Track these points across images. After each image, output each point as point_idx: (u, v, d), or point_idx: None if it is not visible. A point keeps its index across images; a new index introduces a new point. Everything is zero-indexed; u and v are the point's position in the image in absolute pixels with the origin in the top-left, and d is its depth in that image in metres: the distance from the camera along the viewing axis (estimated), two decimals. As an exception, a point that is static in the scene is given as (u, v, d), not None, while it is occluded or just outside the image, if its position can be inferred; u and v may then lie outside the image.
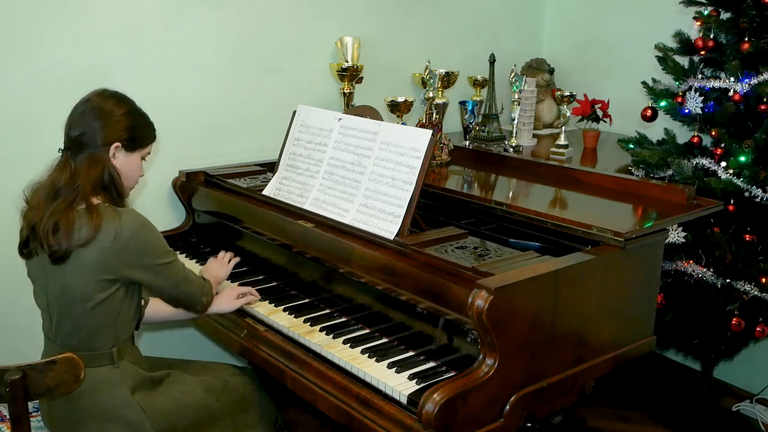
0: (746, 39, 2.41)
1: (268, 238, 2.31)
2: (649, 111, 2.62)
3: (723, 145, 2.45)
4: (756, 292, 2.38)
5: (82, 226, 1.71)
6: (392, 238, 1.96)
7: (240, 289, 2.17)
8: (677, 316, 2.53)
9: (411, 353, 1.86)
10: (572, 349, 1.85)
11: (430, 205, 2.35)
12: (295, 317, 2.09)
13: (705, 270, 2.44)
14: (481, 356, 1.64)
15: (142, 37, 2.55)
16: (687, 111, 2.50)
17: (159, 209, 2.70)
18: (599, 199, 2.27)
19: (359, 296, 2.05)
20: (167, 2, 2.58)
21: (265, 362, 2.00)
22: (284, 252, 2.27)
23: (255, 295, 2.18)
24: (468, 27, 3.45)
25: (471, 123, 2.97)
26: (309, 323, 2.04)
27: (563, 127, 2.96)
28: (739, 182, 2.38)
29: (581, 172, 2.46)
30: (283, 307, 2.15)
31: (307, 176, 2.32)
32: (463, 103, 3.08)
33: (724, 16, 2.52)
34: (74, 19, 2.40)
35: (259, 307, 2.16)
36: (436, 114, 2.80)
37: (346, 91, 2.87)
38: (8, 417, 1.54)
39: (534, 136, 3.24)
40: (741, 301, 2.41)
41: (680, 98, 2.52)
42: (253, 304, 2.17)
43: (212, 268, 2.21)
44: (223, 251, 2.33)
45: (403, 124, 2.67)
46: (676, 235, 2.32)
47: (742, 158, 2.37)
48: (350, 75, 2.86)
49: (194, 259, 2.55)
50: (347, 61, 2.88)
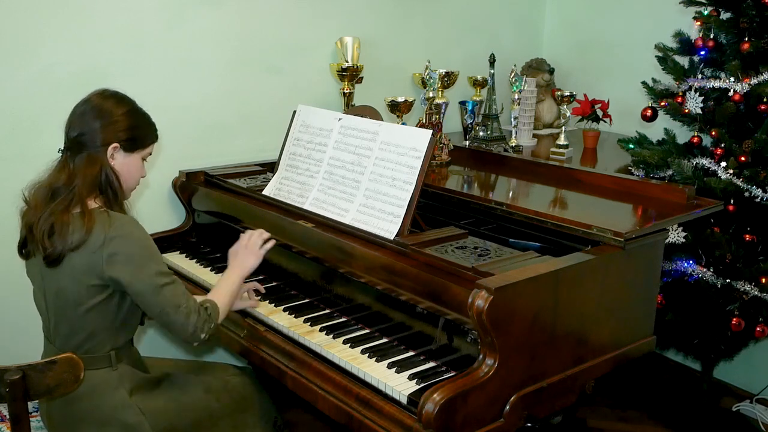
0: (746, 39, 2.42)
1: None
2: (649, 111, 2.63)
3: (723, 145, 2.45)
4: (756, 292, 2.38)
5: (75, 229, 1.69)
6: (392, 238, 1.96)
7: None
8: (677, 316, 2.53)
9: (411, 353, 1.86)
10: (572, 349, 1.85)
11: (430, 205, 2.35)
12: (295, 317, 2.09)
13: (705, 270, 2.44)
14: (481, 356, 1.64)
15: (142, 37, 2.55)
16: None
17: (159, 209, 2.71)
18: (599, 199, 2.27)
19: (359, 296, 2.05)
20: (167, 2, 2.58)
21: (265, 362, 2.00)
22: (284, 252, 2.27)
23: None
24: (468, 27, 3.45)
25: (471, 123, 2.97)
26: (309, 323, 2.04)
27: (563, 127, 2.96)
28: (739, 182, 2.38)
29: (581, 172, 2.46)
30: (283, 307, 2.15)
31: (307, 176, 2.32)
32: (463, 103, 3.08)
33: (724, 16, 2.52)
34: (74, 19, 2.40)
35: (259, 307, 2.16)
36: (436, 114, 2.80)
37: (346, 91, 2.87)
38: (8, 417, 1.54)
39: (534, 136, 3.24)
40: (741, 301, 2.41)
41: (680, 98, 2.52)
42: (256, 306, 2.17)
43: (240, 257, 2.02)
44: (250, 231, 2.07)
45: (403, 124, 2.67)
46: (676, 235, 2.32)
47: (742, 158, 2.37)
48: (350, 75, 2.86)
49: (194, 259, 2.55)
50: (347, 61, 2.88)
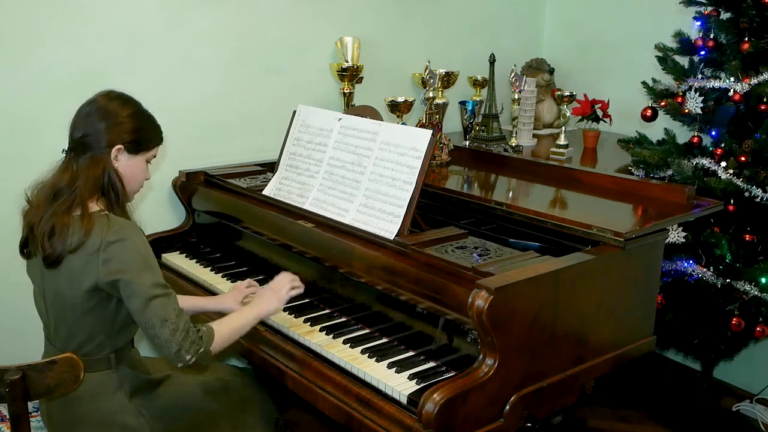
0: (746, 39, 2.42)
1: (268, 238, 2.31)
2: (649, 111, 2.63)
3: (723, 145, 2.45)
4: (756, 292, 2.38)
5: (74, 232, 1.68)
6: (392, 238, 1.96)
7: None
8: (677, 316, 2.53)
9: (411, 353, 1.87)
10: (572, 349, 1.85)
11: (430, 205, 2.35)
12: (295, 317, 2.09)
13: (705, 270, 2.44)
14: (481, 356, 1.64)
15: (142, 37, 2.55)
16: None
17: (159, 209, 2.71)
18: (599, 199, 2.27)
19: (359, 296, 2.05)
20: (167, 2, 2.58)
21: (265, 362, 2.00)
22: (284, 252, 2.27)
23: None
24: (468, 27, 3.45)
25: (471, 123, 2.97)
26: (309, 323, 2.04)
27: (563, 127, 2.96)
28: (739, 182, 2.38)
29: (581, 172, 2.46)
30: (283, 306, 2.15)
31: (307, 176, 2.32)
32: (463, 103, 3.08)
33: (724, 16, 2.52)
34: (74, 19, 2.40)
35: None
36: (436, 114, 2.80)
37: (346, 91, 2.87)
38: (8, 417, 1.54)
39: (534, 136, 3.24)
40: (741, 301, 2.41)
41: (680, 98, 2.52)
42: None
43: (265, 298, 1.97)
44: (285, 273, 2.04)
45: (403, 124, 2.67)
46: (676, 235, 2.32)
47: (742, 159, 2.37)
48: (350, 75, 2.86)
49: (194, 259, 2.55)
50: (347, 61, 2.88)
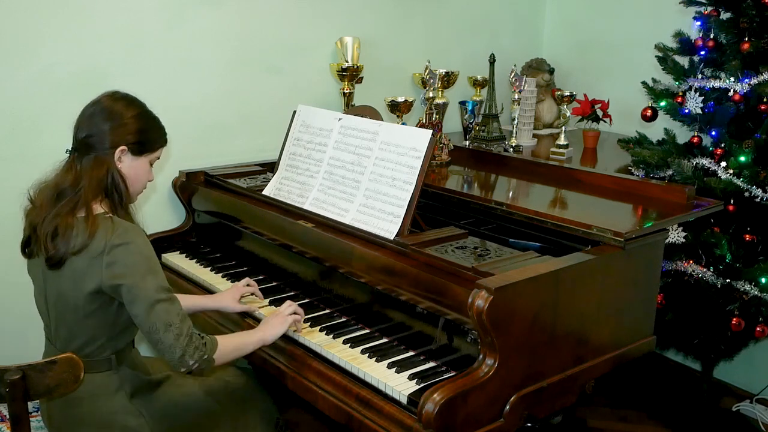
0: (746, 39, 2.42)
1: (268, 238, 2.31)
2: (649, 111, 2.63)
3: (723, 145, 2.45)
4: (756, 292, 2.38)
5: (78, 233, 1.68)
6: (392, 238, 1.96)
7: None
8: (677, 316, 2.53)
9: (411, 353, 1.87)
10: (572, 349, 1.85)
11: (430, 205, 2.35)
12: (295, 317, 2.09)
13: (705, 270, 2.44)
14: (481, 356, 1.64)
15: (142, 37, 2.55)
16: (687, 111, 2.50)
17: (159, 209, 2.71)
18: (599, 199, 2.27)
19: (359, 296, 2.05)
20: (167, 2, 2.58)
21: (265, 362, 2.00)
22: (284, 252, 2.27)
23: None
24: (468, 27, 3.45)
25: (471, 123, 2.97)
26: (309, 323, 2.04)
27: (563, 127, 2.96)
28: (739, 182, 2.38)
29: (581, 172, 2.46)
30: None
31: (307, 176, 2.32)
32: (463, 103, 3.08)
33: (724, 16, 2.52)
34: (74, 19, 2.40)
35: (258, 308, 2.16)
36: (436, 114, 2.80)
37: (346, 91, 2.87)
38: (8, 417, 1.54)
39: (534, 136, 3.24)
40: (741, 301, 2.41)
41: (680, 98, 2.52)
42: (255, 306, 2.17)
43: (270, 323, 1.94)
44: (288, 302, 2.02)
45: (403, 124, 2.67)
46: (676, 235, 2.32)
47: (742, 158, 2.37)
48: (350, 75, 2.86)
49: (194, 259, 2.55)
50: (347, 61, 2.88)
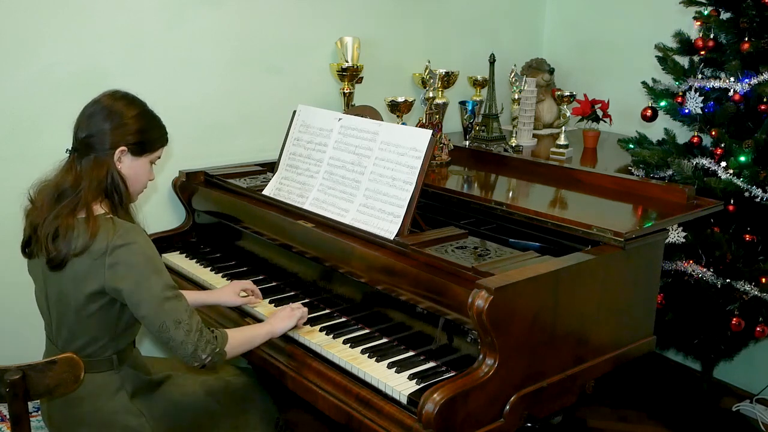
0: (746, 39, 2.42)
1: (268, 238, 2.31)
2: (649, 111, 2.63)
3: (723, 145, 2.45)
4: (756, 292, 2.38)
5: (79, 234, 1.68)
6: (392, 238, 1.96)
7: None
8: (677, 316, 2.53)
9: (411, 353, 1.87)
10: (572, 349, 1.85)
11: (430, 205, 2.35)
12: (295, 317, 2.09)
13: (705, 270, 2.44)
14: (481, 356, 1.64)
15: (142, 37, 2.55)
16: (687, 111, 2.50)
17: (159, 209, 2.71)
18: (599, 199, 2.27)
19: (359, 296, 2.05)
20: (167, 2, 2.58)
21: (265, 362, 2.00)
22: (284, 252, 2.27)
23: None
24: (468, 27, 3.45)
25: (471, 123, 2.97)
26: (309, 323, 2.04)
27: (563, 127, 2.96)
28: (739, 182, 2.38)
29: (581, 172, 2.46)
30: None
31: (307, 176, 2.32)
32: (463, 103, 3.08)
33: (724, 16, 2.52)
34: (74, 19, 2.40)
35: (259, 308, 2.16)
36: (436, 114, 2.80)
37: (346, 91, 2.87)
38: (8, 417, 1.54)
39: (534, 136, 3.24)
40: (741, 301, 2.41)
41: (680, 98, 2.52)
42: (255, 305, 2.17)
43: (277, 316, 1.98)
44: (299, 304, 2.06)
45: (403, 124, 2.67)
46: (676, 235, 2.32)
47: (742, 158, 2.37)
48: (350, 75, 2.86)
49: (194, 259, 2.55)
50: (347, 61, 2.88)
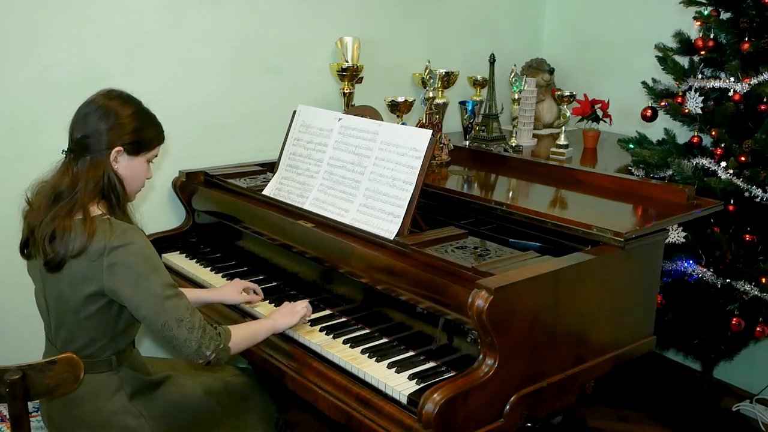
0: (746, 39, 2.42)
1: (268, 238, 2.31)
2: (649, 111, 2.63)
3: (723, 145, 2.45)
4: (756, 292, 2.38)
5: (76, 236, 1.67)
6: (392, 238, 1.96)
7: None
8: (677, 316, 2.53)
9: (411, 353, 1.87)
10: (572, 349, 1.85)
11: (430, 205, 2.35)
12: (295, 317, 2.08)
13: (705, 270, 2.44)
14: (481, 356, 1.64)
15: (142, 37, 2.55)
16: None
17: (159, 209, 2.71)
18: (599, 199, 2.27)
19: (359, 296, 2.05)
20: (167, 2, 2.58)
21: (265, 362, 2.00)
22: (284, 252, 2.27)
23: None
24: (468, 27, 3.45)
25: (471, 123, 2.97)
26: (309, 323, 2.04)
27: (563, 127, 2.96)
28: (739, 182, 2.38)
29: (581, 172, 2.46)
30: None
31: (307, 176, 2.32)
32: (463, 103, 3.08)
33: (724, 16, 2.52)
34: (74, 19, 2.40)
35: (259, 308, 2.16)
36: (436, 114, 2.80)
37: (346, 91, 2.87)
38: (8, 417, 1.54)
39: (534, 136, 3.24)
40: (741, 301, 2.41)
41: (680, 98, 2.52)
42: (255, 305, 2.17)
43: (281, 312, 2.00)
44: (307, 302, 2.06)
45: (403, 124, 2.67)
46: (676, 235, 2.32)
47: (742, 158, 2.37)
48: (350, 75, 2.86)
49: (194, 259, 2.55)
50: (347, 61, 2.88)
